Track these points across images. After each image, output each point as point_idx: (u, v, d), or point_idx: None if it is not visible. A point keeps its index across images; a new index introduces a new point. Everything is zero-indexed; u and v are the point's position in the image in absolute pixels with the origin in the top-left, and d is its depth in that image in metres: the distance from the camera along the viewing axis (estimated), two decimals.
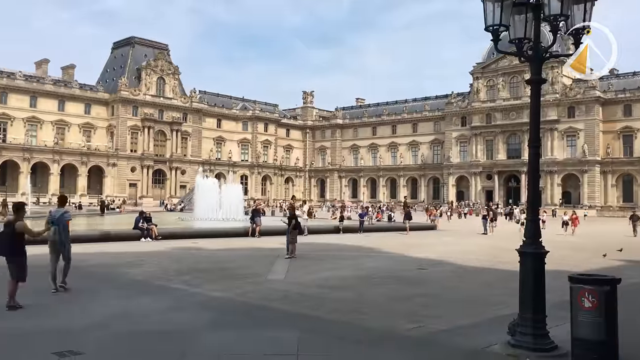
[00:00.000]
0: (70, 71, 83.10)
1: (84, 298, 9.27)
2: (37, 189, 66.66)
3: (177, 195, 76.60)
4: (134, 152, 79.18)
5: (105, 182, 76.97)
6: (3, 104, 70.13)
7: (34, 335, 6.71)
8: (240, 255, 16.57)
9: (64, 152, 73.14)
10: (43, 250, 10.30)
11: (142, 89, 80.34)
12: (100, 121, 78.96)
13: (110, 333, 6.87)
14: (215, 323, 7.60)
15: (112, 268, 13.05)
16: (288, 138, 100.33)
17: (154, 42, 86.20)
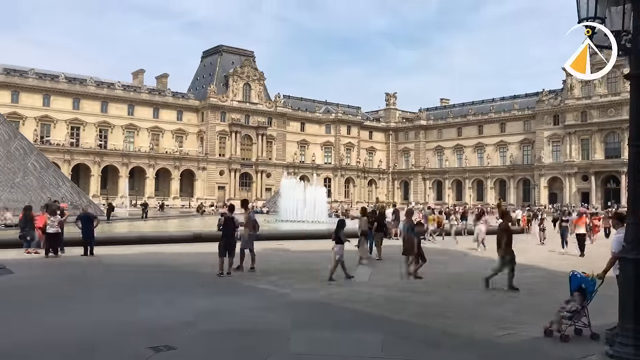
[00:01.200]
0: (164, 80, 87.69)
1: (175, 295, 9.73)
2: (134, 192, 70.83)
3: (263, 198, 78.59)
4: (222, 156, 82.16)
5: (196, 185, 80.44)
6: (104, 112, 75.22)
7: (128, 330, 7.13)
8: (325, 257, 16.68)
9: (158, 157, 77.28)
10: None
11: (229, 95, 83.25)
12: (191, 127, 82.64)
13: (201, 330, 7.17)
14: (301, 323, 7.72)
15: (196, 268, 13.59)
16: (371, 140, 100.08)
17: (240, 49, 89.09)
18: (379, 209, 20.11)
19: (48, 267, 13.30)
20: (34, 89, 69.98)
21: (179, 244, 19.48)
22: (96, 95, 74.63)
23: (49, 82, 71.45)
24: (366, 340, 6.80)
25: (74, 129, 72.64)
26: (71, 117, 72.26)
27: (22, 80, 69.28)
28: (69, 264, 13.87)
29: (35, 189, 31.96)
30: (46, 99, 70.89)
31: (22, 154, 32.29)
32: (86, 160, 71.71)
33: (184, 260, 15.11)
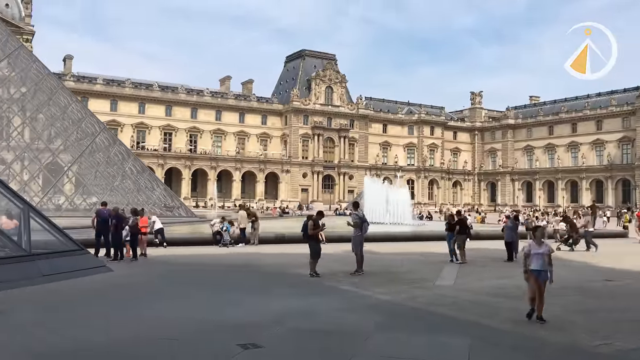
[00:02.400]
0: (249, 86, 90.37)
1: (261, 295, 9.97)
2: (222, 194, 73.48)
3: (345, 200, 78.89)
4: (305, 159, 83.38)
5: (280, 188, 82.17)
6: (194, 118, 78.68)
7: (218, 327, 7.39)
8: (409, 260, 16.52)
9: (244, 160, 79.73)
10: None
11: (311, 99, 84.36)
12: (275, 130, 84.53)
13: (286, 329, 7.30)
14: (384, 326, 7.67)
15: (285, 268, 13.86)
16: (455, 141, 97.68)
17: (323, 53, 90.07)
18: (455, 213, 19.52)
19: (144, 266, 14.07)
20: (131, 98, 74.48)
21: (266, 245, 20.00)
22: (186, 102, 78.23)
23: (143, 91, 75.78)
24: (452, 345, 6.63)
25: (166, 135, 76.52)
26: (164, 123, 76.17)
27: (119, 89, 73.95)
28: (161, 264, 14.59)
29: (132, 192, 33.95)
30: (141, 106, 75.23)
31: (120, 159, 34.42)
32: (177, 164, 75.30)
33: (269, 261, 15.47)
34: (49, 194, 31.21)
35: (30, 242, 10.74)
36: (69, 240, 11.92)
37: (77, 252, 11.80)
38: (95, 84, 72.67)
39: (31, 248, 10.68)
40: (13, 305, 8.48)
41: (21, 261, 10.31)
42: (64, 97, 33.60)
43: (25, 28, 65.19)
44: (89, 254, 12.03)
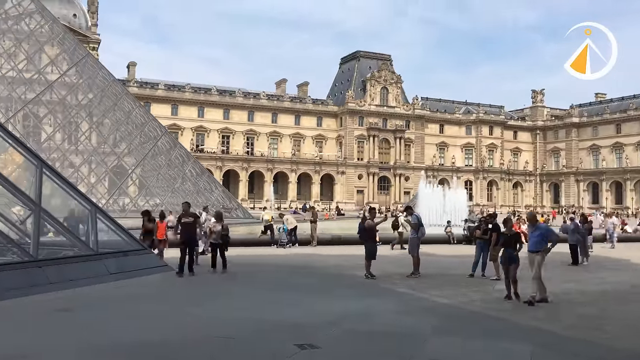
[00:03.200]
0: (305, 88, 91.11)
1: (317, 296, 10.02)
2: (278, 196, 74.39)
3: (401, 202, 78.13)
4: (360, 161, 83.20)
5: (335, 190, 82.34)
6: (251, 121, 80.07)
7: (275, 327, 7.49)
8: (467, 263, 16.16)
9: (300, 162, 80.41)
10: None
11: (366, 100, 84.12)
12: (330, 132, 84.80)
13: (342, 330, 7.31)
14: (441, 329, 7.55)
15: (341, 269, 13.88)
16: (515, 140, 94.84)
17: (378, 53, 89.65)
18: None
19: (202, 266, 14.41)
20: (190, 102, 76.62)
21: (322, 246, 20.13)
22: (243, 105, 79.73)
23: (202, 95, 77.79)
24: (512, 350, 6.45)
25: (224, 138, 78.22)
26: (222, 126, 77.90)
27: (180, 94, 76.23)
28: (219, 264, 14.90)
29: (192, 194, 34.90)
30: (200, 110, 77.25)
31: (180, 161, 35.47)
32: (235, 166, 76.82)
33: (325, 262, 15.53)
34: (114, 195, 32.51)
35: (98, 241, 11.25)
36: (133, 240, 12.41)
37: (140, 252, 12.27)
38: (157, 89, 75.21)
39: (98, 247, 11.19)
40: (82, 303, 8.88)
41: (89, 260, 10.81)
42: (128, 102, 34.96)
43: (92, 37, 68.29)
44: (151, 254, 12.48)
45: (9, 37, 33.31)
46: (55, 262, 10.32)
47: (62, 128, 35.08)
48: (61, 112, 34.66)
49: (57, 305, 8.42)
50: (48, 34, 33.72)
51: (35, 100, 31.86)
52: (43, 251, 10.09)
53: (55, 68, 33.17)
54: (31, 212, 10.17)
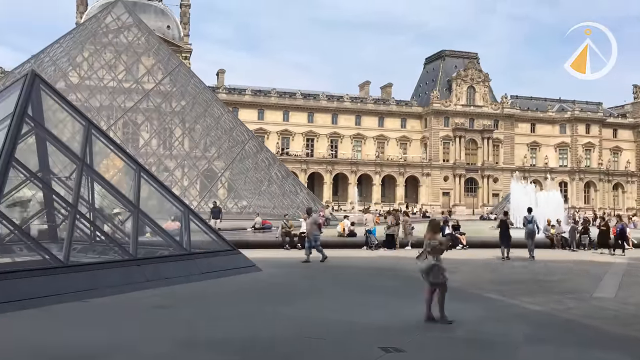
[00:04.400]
0: (388, 90, 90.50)
1: (405, 299, 9.91)
2: (362, 198, 74.38)
3: (490, 204, 75.61)
4: (446, 162, 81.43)
5: (420, 192, 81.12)
6: (334, 124, 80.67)
7: (361, 329, 7.49)
8: (560, 268, 15.38)
9: (384, 164, 79.98)
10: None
11: (452, 100, 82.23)
12: (415, 134, 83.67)
13: (428, 335, 7.18)
14: (533, 337, 7.23)
15: None
16: (615, 139, 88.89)
17: (464, 52, 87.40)
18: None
19: (289, 267, 14.70)
20: (276, 107, 78.46)
21: (409, 249, 19.92)
22: (327, 109, 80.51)
23: (287, 100, 79.41)
24: None
25: (308, 141, 79.39)
26: (306, 129, 79.12)
27: (266, 99, 78.27)
28: (307, 265, 15.12)
29: (278, 196, 35.72)
30: (285, 114, 78.89)
31: (267, 165, 36.41)
32: (319, 169, 77.72)
33: (413, 265, 15.30)
34: (205, 198, 33.94)
35: (190, 242, 11.79)
36: (223, 241, 12.88)
37: (230, 252, 12.71)
38: (244, 94, 77.67)
39: (191, 247, 11.72)
40: (177, 300, 9.33)
41: (183, 259, 11.35)
42: (218, 108, 36.40)
43: (184, 47, 71.74)
44: (240, 254, 12.88)
45: (110, 50, 35.72)
46: (152, 260, 10.93)
47: (158, 134, 37.13)
48: (156, 119, 36.71)
49: (154, 301, 8.91)
50: (144, 46, 35.84)
51: (134, 108, 33.96)
52: (141, 250, 10.71)
53: (151, 77, 35.21)
54: (130, 214, 10.83)
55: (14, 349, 6.11)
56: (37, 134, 10.49)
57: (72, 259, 9.44)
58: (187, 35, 73.59)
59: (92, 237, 11.20)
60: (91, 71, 35.73)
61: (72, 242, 9.54)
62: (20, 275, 8.58)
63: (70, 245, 9.38)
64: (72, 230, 9.68)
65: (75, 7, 71.33)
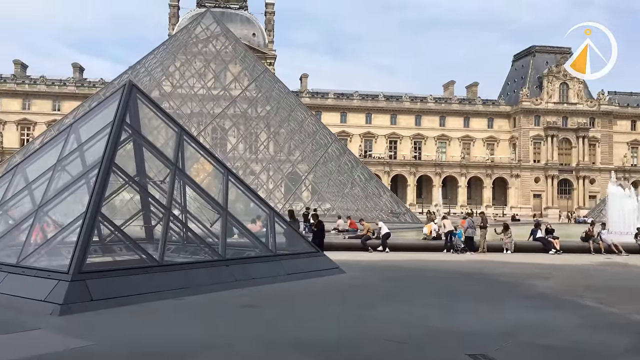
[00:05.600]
0: (474, 89, 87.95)
1: (491, 305, 9.59)
2: (447, 200, 72.79)
3: (586, 207, 71.42)
4: (536, 163, 77.93)
5: (509, 194, 78.13)
6: (418, 125, 79.54)
7: (447, 334, 7.32)
8: None
9: (469, 165, 77.81)
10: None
11: (543, 98, 78.59)
12: (502, 134, 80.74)
13: (518, 343, 6.90)
14: (634, 348, 6.74)
15: (516, 278, 13.10)
16: None
17: (555, 47, 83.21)
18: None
19: (373, 269, 14.66)
20: (358, 109, 78.57)
21: (494, 253, 19.31)
22: (410, 110, 79.54)
23: (370, 102, 79.29)
24: None
25: (391, 143, 78.81)
26: (389, 131, 78.60)
27: (348, 102, 78.60)
28: (390, 268, 15.02)
29: (361, 199, 35.72)
30: (368, 117, 78.81)
31: (350, 167, 36.54)
32: (402, 171, 76.90)
33: (500, 270, 14.80)
34: (289, 200, 34.60)
35: (276, 243, 12.06)
36: (307, 243, 13.08)
37: (313, 254, 12.88)
38: (327, 98, 78.42)
39: (276, 249, 11.99)
40: (264, 300, 9.58)
41: (269, 260, 11.64)
42: (301, 112, 37.02)
43: (269, 53, 73.65)
44: (324, 256, 13.01)
45: (199, 59, 37.40)
46: (240, 261, 11.28)
47: (244, 138, 38.35)
48: (243, 124, 37.94)
49: (243, 301, 9.20)
50: (231, 54, 37.20)
51: (222, 114, 35.31)
52: (230, 251, 11.08)
53: (237, 84, 36.48)
54: (219, 216, 11.24)
55: (114, 343, 6.52)
56: (134, 140, 11.13)
57: (166, 258, 9.95)
58: (272, 42, 75.49)
59: (184, 238, 11.73)
60: (182, 80, 37.58)
61: (166, 243, 10.04)
62: (119, 273, 9.15)
63: (165, 245, 9.88)
64: (166, 231, 10.19)
65: (168, 20, 75.35)
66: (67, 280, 8.08)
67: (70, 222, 9.63)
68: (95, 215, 8.94)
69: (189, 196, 11.99)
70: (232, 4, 78.39)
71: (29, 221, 9.90)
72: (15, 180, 11.59)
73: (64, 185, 10.39)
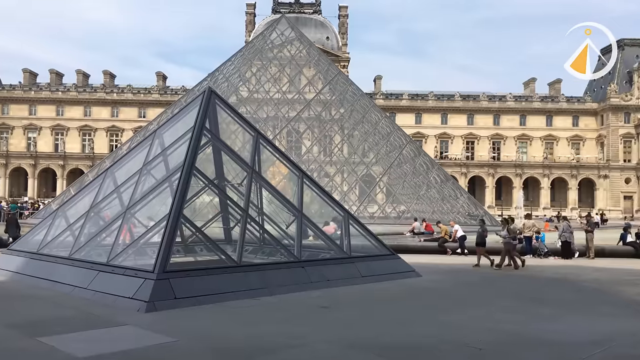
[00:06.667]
0: (557, 86, 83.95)
1: (578, 313, 9.11)
2: (529, 202, 69.95)
3: None
4: (627, 162, 73.30)
5: (596, 195, 73.97)
6: (496, 125, 76.93)
7: (531, 342, 7.01)
8: None
9: (553, 166, 74.36)
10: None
11: (634, 93, 73.83)
12: (589, 132, 76.62)
13: (609, 353, 6.50)
14: None
15: (604, 284, 12.38)
16: None
17: None
18: None
19: (450, 273, 14.32)
20: (433, 110, 77.17)
21: (579, 259, 18.37)
22: (488, 109, 77.15)
23: (445, 102, 77.65)
24: None
25: (468, 143, 76.77)
26: (466, 132, 76.61)
27: (423, 103, 77.37)
28: (468, 271, 14.62)
29: (437, 201, 35.04)
30: (444, 117, 77.19)
31: (425, 169, 35.96)
32: (480, 172, 74.70)
33: (587, 276, 14.04)
34: (364, 202, 34.52)
35: (350, 246, 12.07)
36: (382, 245, 12.99)
37: (389, 257, 12.78)
38: (401, 99, 77.60)
39: (351, 251, 12.00)
40: (339, 302, 9.60)
41: (343, 262, 11.67)
42: (375, 114, 36.87)
43: (342, 56, 73.96)
44: (399, 259, 12.87)
45: (275, 64, 38.17)
46: (315, 263, 11.40)
47: (318, 141, 38.68)
48: (317, 126, 38.28)
49: (319, 302, 9.28)
50: (306, 58, 37.68)
51: (296, 117, 35.79)
52: (305, 253, 11.22)
53: (311, 87, 36.87)
54: (295, 218, 11.41)
55: (196, 340, 6.76)
56: (213, 144, 11.52)
57: (244, 259, 10.22)
58: (345, 45, 75.74)
59: (260, 239, 12.00)
60: (258, 85, 38.49)
61: (244, 244, 10.31)
62: (200, 273, 9.50)
63: (243, 246, 10.14)
64: (244, 232, 10.47)
65: (245, 27, 77.46)
66: (153, 279, 8.49)
67: (154, 223, 10.12)
68: (177, 217, 9.33)
69: (265, 198, 12.25)
70: (306, 9, 79.41)
71: (118, 222, 10.49)
72: (105, 184, 12.32)
73: (149, 188, 10.94)
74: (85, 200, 12.48)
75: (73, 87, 77.56)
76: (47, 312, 8.14)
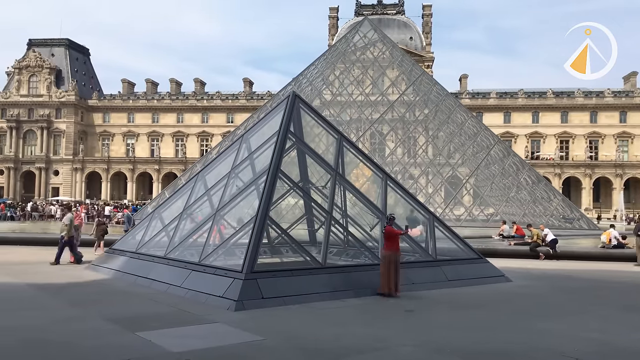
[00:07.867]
0: None
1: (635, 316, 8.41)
2: (631, 205, 65.33)
3: None
4: None
5: None
6: (593, 123, 72.48)
7: (623, 353, 6.57)
8: None
9: None
10: None
11: None
12: None
13: None
14: None
15: None
16: None
17: None
18: None
19: (542, 279, 13.67)
20: (523, 108, 73.96)
21: None
22: (584, 106, 72.88)
23: (536, 100, 74.21)
24: None
25: (562, 143, 72.92)
26: (559, 131, 72.84)
27: (512, 101, 74.38)
28: (560, 277, 13.89)
29: (528, 203, 33.55)
30: (535, 115, 73.83)
31: (515, 170, 34.53)
32: (576, 173, 70.68)
33: None
34: (449, 205, 33.72)
35: (436, 249, 11.85)
36: (469, 249, 12.64)
37: (477, 261, 12.40)
38: (489, 98, 75.07)
39: (436, 254, 11.78)
40: (424, 305, 9.46)
41: (429, 266, 11.47)
42: (460, 114, 35.93)
43: (426, 56, 72.75)
44: (488, 263, 12.46)
45: (358, 66, 38.20)
46: (401, 266, 11.27)
47: (402, 143, 38.27)
48: (401, 128, 37.92)
49: (404, 305, 9.20)
50: (389, 59, 37.43)
51: (380, 119, 35.63)
52: None
53: (395, 89, 36.55)
54: (379, 220, 11.37)
55: (283, 339, 6.91)
56: (297, 148, 11.73)
57: (328, 261, 10.33)
58: (429, 44, 74.47)
59: (345, 241, 12.06)
60: (342, 88, 38.69)
61: (328, 246, 10.41)
62: (286, 274, 9.70)
63: (327, 248, 10.25)
64: (328, 234, 10.57)
65: (328, 31, 78.22)
66: (241, 278, 8.78)
67: (242, 225, 10.47)
68: (264, 219, 9.60)
69: (349, 200, 12.30)
70: (389, 9, 78.87)
71: (208, 224, 10.95)
72: (196, 187, 12.91)
73: (237, 191, 11.33)
74: (179, 203, 13.15)
75: (167, 95, 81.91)
76: (145, 309, 8.65)
